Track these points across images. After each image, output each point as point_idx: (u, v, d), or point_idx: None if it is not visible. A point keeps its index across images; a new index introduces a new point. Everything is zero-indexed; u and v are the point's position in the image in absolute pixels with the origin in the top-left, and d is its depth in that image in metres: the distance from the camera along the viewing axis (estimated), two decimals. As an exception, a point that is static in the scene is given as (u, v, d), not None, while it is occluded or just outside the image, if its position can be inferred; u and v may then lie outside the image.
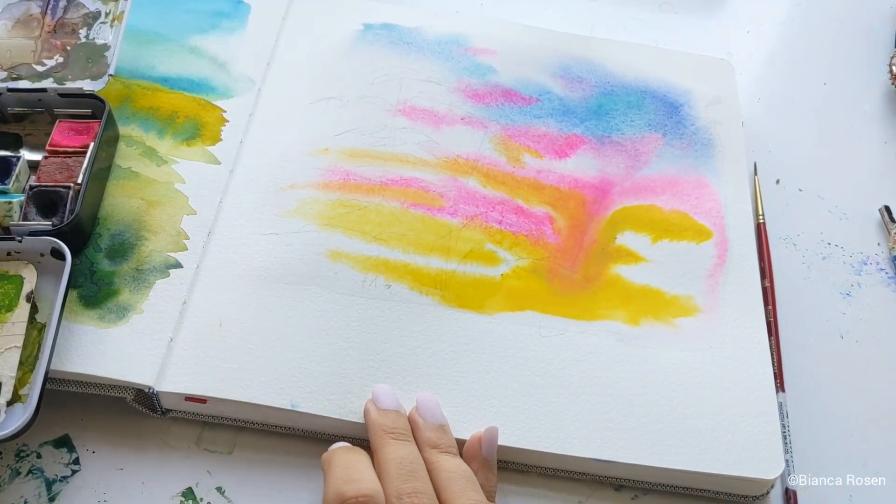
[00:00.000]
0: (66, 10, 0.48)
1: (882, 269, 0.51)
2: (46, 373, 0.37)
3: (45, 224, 0.42)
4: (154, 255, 0.44)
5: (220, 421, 0.41)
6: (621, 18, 0.62)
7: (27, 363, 0.38)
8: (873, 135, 0.57)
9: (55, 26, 0.47)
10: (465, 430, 0.40)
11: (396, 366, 0.41)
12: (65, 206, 0.43)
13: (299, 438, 0.41)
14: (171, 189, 0.46)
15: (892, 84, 0.59)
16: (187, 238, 0.44)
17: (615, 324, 0.44)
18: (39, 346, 0.39)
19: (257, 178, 0.47)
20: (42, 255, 0.41)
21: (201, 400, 0.40)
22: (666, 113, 0.53)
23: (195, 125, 0.49)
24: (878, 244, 0.52)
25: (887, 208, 0.52)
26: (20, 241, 0.41)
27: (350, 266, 0.44)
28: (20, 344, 0.39)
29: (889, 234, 0.52)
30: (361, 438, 0.41)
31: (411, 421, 0.39)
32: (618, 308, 0.45)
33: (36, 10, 0.48)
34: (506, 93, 0.52)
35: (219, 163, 0.47)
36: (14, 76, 0.46)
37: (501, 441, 0.39)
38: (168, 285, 0.43)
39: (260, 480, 0.40)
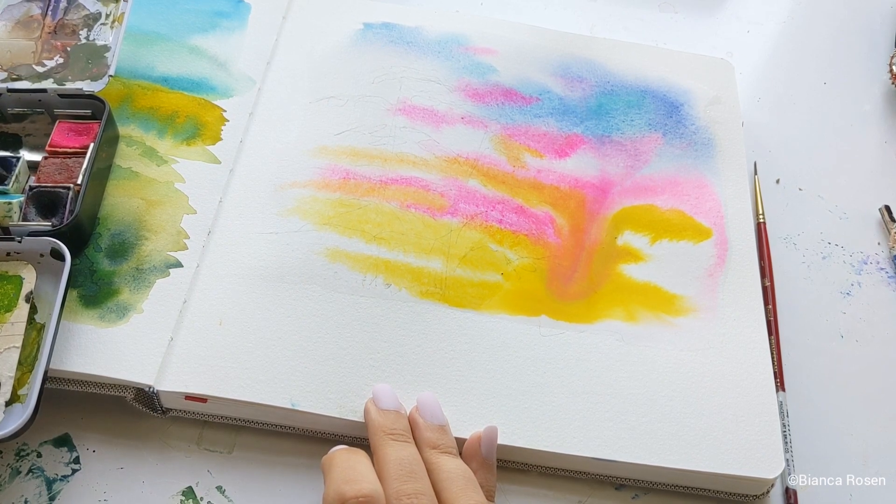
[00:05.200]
0: (66, 11, 0.48)
1: (882, 269, 0.51)
2: (45, 373, 0.37)
3: (45, 224, 0.42)
4: (154, 255, 0.44)
5: (220, 420, 0.41)
6: (621, 18, 0.62)
7: (26, 363, 0.38)
8: (873, 135, 0.57)
9: (55, 27, 0.47)
10: (465, 429, 0.40)
11: (396, 365, 0.41)
12: (64, 206, 0.43)
13: (299, 438, 0.41)
14: (172, 188, 0.46)
15: (892, 84, 0.59)
16: (187, 237, 0.44)
17: (615, 323, 0.44)
18: (38, 346, 0.39)
19: (257, 177, 0.47)
20: (42, 255, 0.41)
21: (201, 399, 0.40)
22: (666, 112, 0.53)
23: (195, 125, 0.49)
24: (878, 244, 0.52)
25: (887, 208, 0.52)
26: (20, 242, 0.41)
27: (349, 266, 0.44)
28: (19, 344, 0.39)
29: (889, 233, 0.52)
30: (361, 438, 0.41)
31: (411, 421, 0.39)
32: (618, 305, 0.45)
33: (36, 11, 0.48)
34: (506, 92, 0.52)
35: (219, 162, 0.47)
36: (14, 76, 0.46)
37: (501, 440, 0.39)
38: (168, 285, 0.43)
39: (260, 480, 0.40)
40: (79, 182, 0.43)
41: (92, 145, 0.44)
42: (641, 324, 0.44)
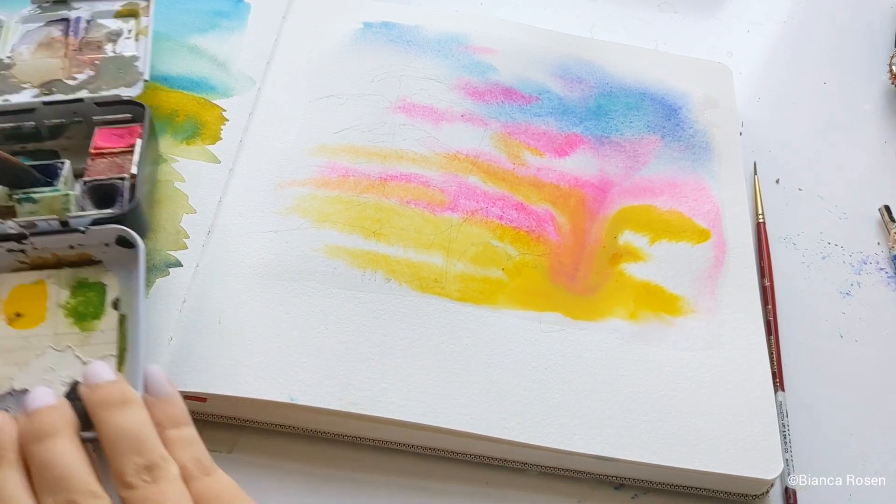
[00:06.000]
0: (87, 30, 0.48)
1: (882, 269, 0.51)
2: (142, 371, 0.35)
3: (107, 212, 0.40)
4: (154, 254, 0.43)
5: (219, 420, 0.41)
6: (621, 18, 0.62)
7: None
8: (873, 135, 0.57)
9: (80, 45, 0.47)
10: (466, 424, 0.40)
11: (397, 358, 0.41)
12: (122, 196, 0.42)
13: (299, 438, 0.41)
14: (171, 188, 0.46)
15: (892, 84, 0.59)
16: (187, 237, 0.44)
17: (616, 321, 0.44)
18: (123, 337, 0.38)
19: (257, 176, 0.47)
20: (107, 244, 0.40)
21: (201, 399, 0.40)
22: (664, 115, 0.53)
23: (195, 124, 0.49)
24: (878, 244, 0.52)
25: (887, 208, 0.52)
26: (84, 233, 0.39)
27: (348, 261, 0.44)
28: (115, 352, 0.38)
29: (889, 233, 0.52)
30: (362, 437, 0.41)
31: (84, 400, 0.33)
32: (620, 304, 0.45)
33: (57, 33, 0.48)
34: (505, 91, 0.52)
35: (218, 161, 0.47)
36: (46, 92, 0.45)
37: (503, 436, 0.39)
38: (168, 284, 0.43)
39: (260, 480, 0.40)
40: (133, 172, 0.42)
41: (139, 141, 0.43)
42: (642, 323, 0.44)
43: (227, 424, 0.41)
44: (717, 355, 0.43)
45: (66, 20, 0.48)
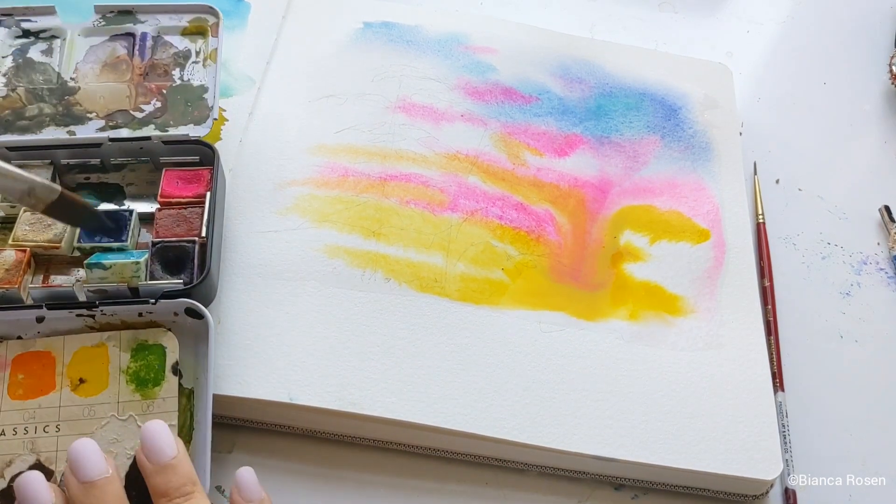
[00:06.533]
0: (153, 50, 0.46)
1: (882, 269, 0.51)
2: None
3: (176, 282, 0.40)
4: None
5: (219, 420, 0.41)
6: (621, 18, 0.62)
7: (181, 434, 0.37)
8: (873, 135, 0.57)
9: (146, 69, 0.46)
10: (466, 423, 0.40)
11: (396, 357, 0.41)
12: (192, 261, 0.41)
13: (299, 438, 0.41)
14: (171, 187, 0.46)
15: (892, 84, 0.59)
16: (187, 236, 0.44)
17: (616, 321, 0.44)
18: (191, 414, 0.38)
19: (257, 176, 0.47)
20: (176, 314, 0.39)
21: (200, 398, 0.40)
22: (664, 115, 0.53)
23: (195, 124, 0.49)
24: (878, 244, 0.52)
25: (887, 208, 0.52)
26: (154, 304, 0.39)
27: (348, 261, 0.44)
28: (175, 421, 0.37)
29: (889, 233, 0.52)
30: (361, 437, 0.41)
31: (140, 467, 0.35)
32: (621, 304, 0.45)
33: (121, 50, 0.46)
34: (505, 91, 0.52)
35: (218, 161, 0.47)
36: (112, 124, 0.44)
37: (502, 435, 0.39)
38: (168, 283, 0.43)
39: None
40: (202, 234, 0.41)
41: (209, 194, 0.42)
42: (643, 323, 0.44)
43: (226, 424, 0.41)
44: (717, 355, 0.43)
45: (131, 35, 0.47)
